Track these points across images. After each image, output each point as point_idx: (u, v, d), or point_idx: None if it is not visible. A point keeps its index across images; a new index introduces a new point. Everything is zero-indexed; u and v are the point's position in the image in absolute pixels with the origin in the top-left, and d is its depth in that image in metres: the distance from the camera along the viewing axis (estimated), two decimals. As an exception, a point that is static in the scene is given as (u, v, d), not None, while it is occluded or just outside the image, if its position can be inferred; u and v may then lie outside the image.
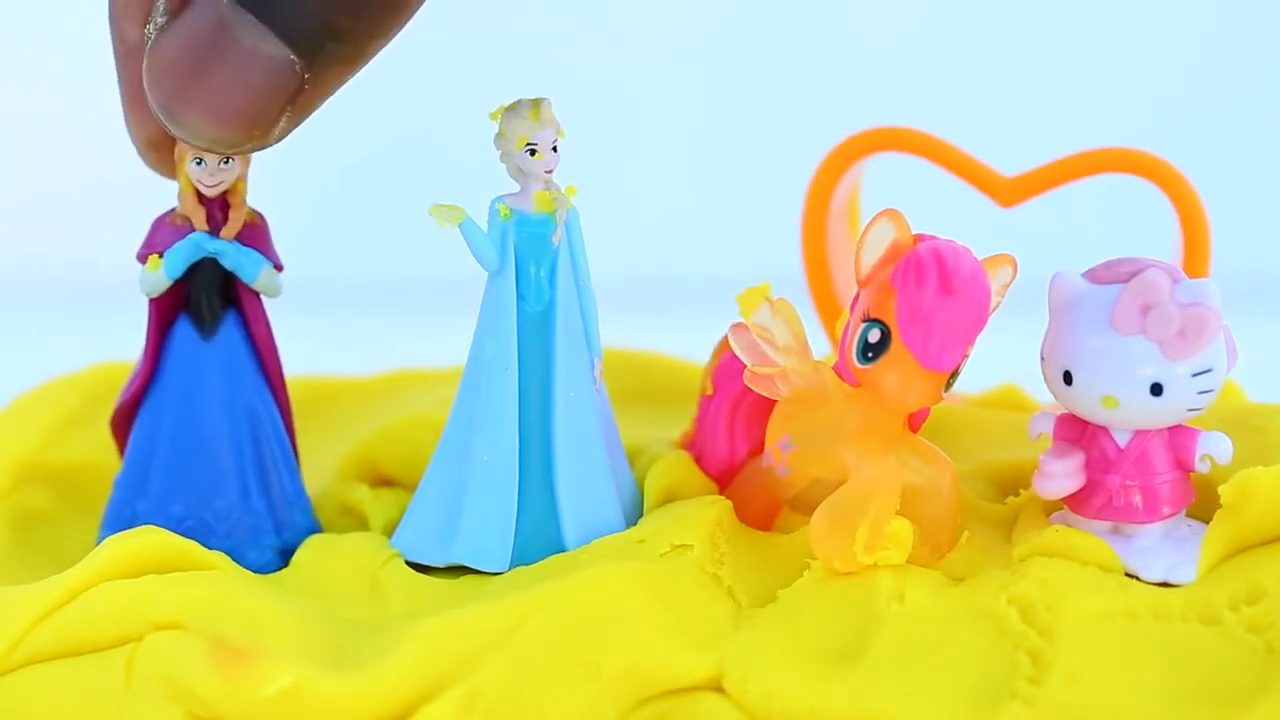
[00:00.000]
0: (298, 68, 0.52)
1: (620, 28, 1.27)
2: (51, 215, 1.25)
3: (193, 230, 0.60)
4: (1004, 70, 1.27)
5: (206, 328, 0.61)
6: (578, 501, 0.60)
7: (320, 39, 0.52)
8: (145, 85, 0.54)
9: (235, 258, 0.61)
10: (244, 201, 0.61)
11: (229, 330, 0.61)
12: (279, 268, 0.62)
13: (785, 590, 0.57)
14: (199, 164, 0.59)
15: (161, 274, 0.60)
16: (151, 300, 0.61)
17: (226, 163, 0.59)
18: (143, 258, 0.60)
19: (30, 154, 1.28)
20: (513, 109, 0.58)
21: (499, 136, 0.58)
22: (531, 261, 0.59)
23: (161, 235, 0.61)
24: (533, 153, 0.58)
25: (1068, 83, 1.26)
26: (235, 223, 0.60)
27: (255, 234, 0.61)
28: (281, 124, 0.54)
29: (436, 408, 0.68)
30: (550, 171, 0.59)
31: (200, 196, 0.60)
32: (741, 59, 1.28)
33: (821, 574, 0.57)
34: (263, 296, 0.62)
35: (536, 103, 0.58)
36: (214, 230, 0.60)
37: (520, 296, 0.59)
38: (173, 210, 0.61)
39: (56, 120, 1.28)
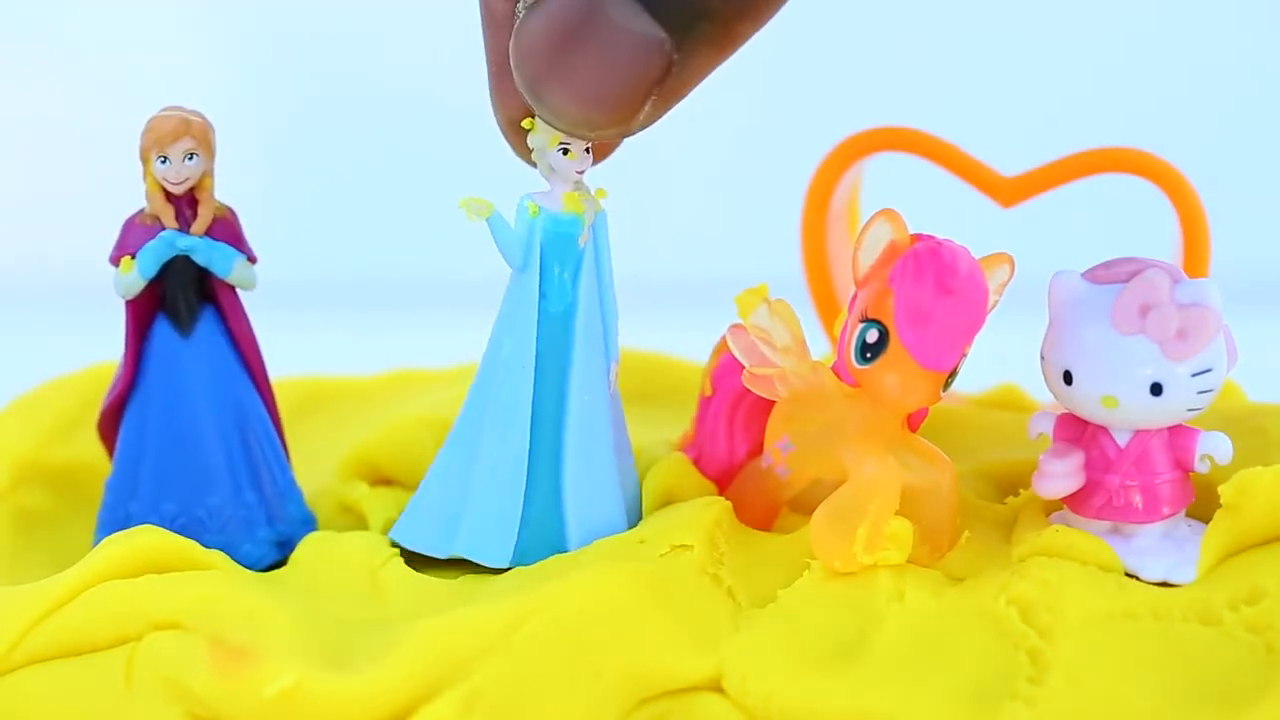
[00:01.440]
0: (667, 48, 0.51)
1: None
2: (51, 215, 1.26)
3: (162, 229, 0.60)
4: (1004, 70, 1.27)
5: (184, 325, 0.61)
6: (583, 504, 0.60)
7: (692, 17, 0.51)
8: (512, 62, 0.54)
9: (207, 253, 0.61)
10: (211, 197, 0.61)
11: (207, 326, 0.62)
12: (252, 260, 0.62)
13: (785, 590, 0.57)
14: (164, 162, 0.59)
15: (135, 275, 0.60)
16: (128, 302, 0.61)
17: (191, 159, 0.60)
18: (115, 260, 0.61)
19: (30, 154, 1.28)
20: None
21: (533, 133, 0.58)
22: (556, 261, 0.59)
23: (132, 236, 0.61)
24: (565, 152, 0.58)
25: (1068, 83, 1.26)
26: (204, 218, 0.61)
27: (226, 228, 0.61)
28: (646, 109, 0.53)
29: (436, 408, 0.68)
30: (582, 172, 0.59)
31: (168, 195, 0.60)
32: (741, 59, 1.28)
33: (821, 574, 0.57)
34: (240, 290, 0.62)
35: None
36: (184, 227, 0.61)
37: (542, 295, 0.59)
38: (141, 211, 0.61)
39: (56, 120, 1.28)
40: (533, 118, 0.57)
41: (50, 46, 1.28)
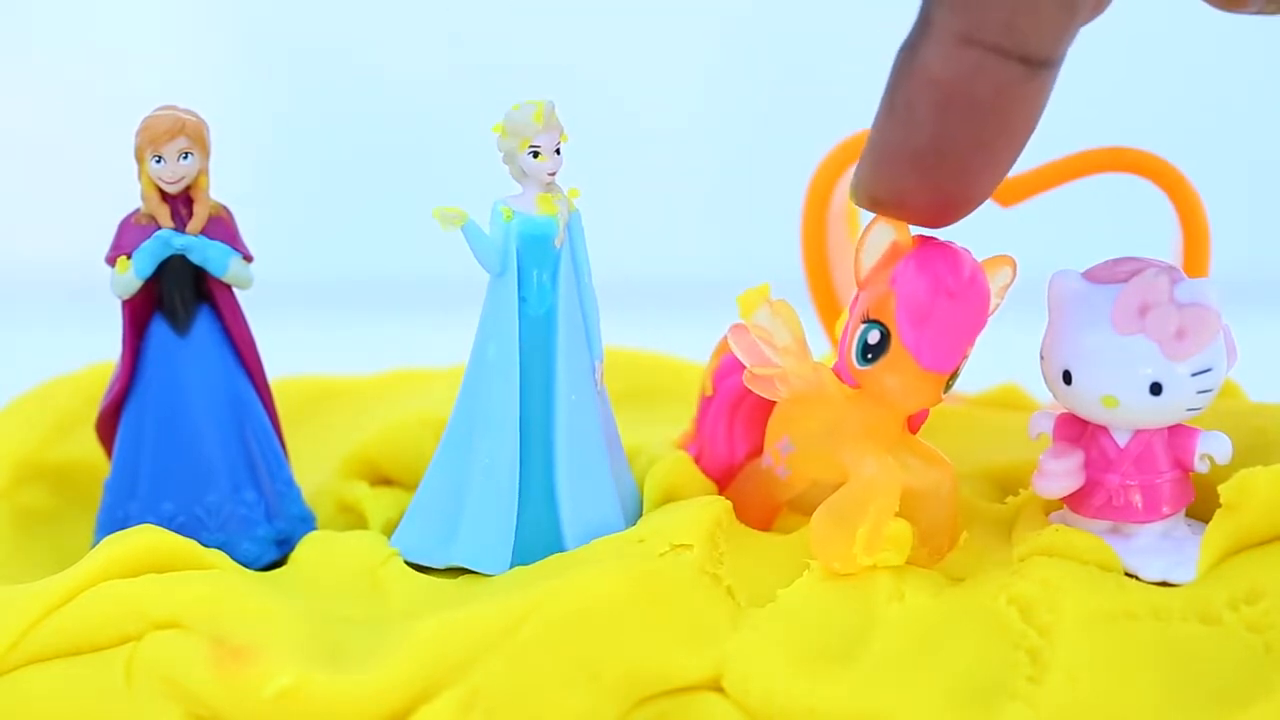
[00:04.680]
0: None
1: (622, 29, 1.27)
2: (51, 215, 1.26)
3: (158, 228, 0.60)
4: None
5: (181, 325, 0.61)
6: (579, 505, 0.60)
7: None
8: None
9: (203, 252, 0.61)
10: (207, 195, 0.61)
11: (204, 325, 0.62)
12: (248, 258, 0.62)
13: (785, 590, 0.57)
14: (159, 162, 0.60)
15: (131, 275, 0.60)
16: (124, 302, 0.61)
17: (186, 158, 0.60)
18: (111, 260, 0.60)
19: (29, 154, 1.28)
20: (516, 111, 0.58)
21: (502, 138, 0.58)
22: (534, 264, 0.59)
23: (128, 236, 0.61)
24: (535, 155, 0.58)
25: (1067, 83, 1.26)
26: (200, 217, 0.61)
27: (221, 227, 0.61)
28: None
29: (436, 408, 0.68)
30: (553, 174, 0.59)
31: (163, 194, 0.60)
32: (741, 59, 1.28)
33: (821, 574, 0.57)
34: (236, 289, 0.62)
35: (540, 105, 0.58)
36: (179, 226, 0.61)
37: (522, 299, 0.59)
38: (137, 210, 0.61)
39: (56, 121, 1.28)
40: (499, 124, 0.58)
41: (49, 46, 1.28)
